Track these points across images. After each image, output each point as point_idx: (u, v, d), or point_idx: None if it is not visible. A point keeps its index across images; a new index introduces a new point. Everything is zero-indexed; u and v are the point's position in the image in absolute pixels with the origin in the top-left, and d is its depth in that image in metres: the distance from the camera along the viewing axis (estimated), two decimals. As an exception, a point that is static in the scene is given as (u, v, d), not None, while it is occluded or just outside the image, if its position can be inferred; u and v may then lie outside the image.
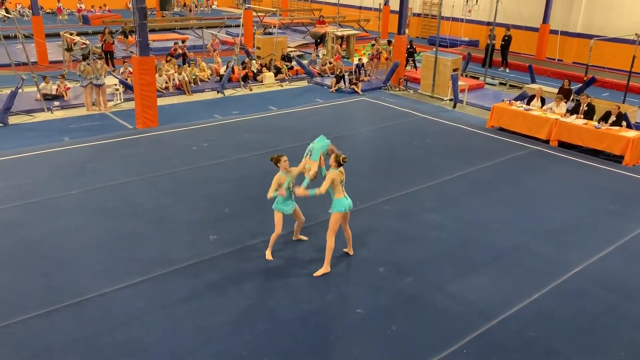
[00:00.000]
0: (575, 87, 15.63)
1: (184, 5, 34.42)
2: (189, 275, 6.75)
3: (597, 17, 21.35)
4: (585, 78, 15.30)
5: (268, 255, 7.16)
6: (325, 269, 6.85)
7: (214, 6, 39.18)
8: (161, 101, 14.18)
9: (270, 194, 6.86)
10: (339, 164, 6.64)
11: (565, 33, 22.13)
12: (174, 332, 5.74)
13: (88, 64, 13.47)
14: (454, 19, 25.53)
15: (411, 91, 17.46)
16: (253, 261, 7.12)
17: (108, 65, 17.11)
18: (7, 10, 26.18)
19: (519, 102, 13.78)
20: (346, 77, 17.49)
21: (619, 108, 12.14)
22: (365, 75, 18.30)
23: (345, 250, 7.34)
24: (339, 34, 21.70)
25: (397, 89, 17.62)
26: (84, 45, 17.45)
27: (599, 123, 12.02)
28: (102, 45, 17.93)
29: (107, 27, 19.58)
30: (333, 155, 6.68)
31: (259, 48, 19.75)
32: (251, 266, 7.01)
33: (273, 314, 6.09)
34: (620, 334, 6.03)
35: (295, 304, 6.28)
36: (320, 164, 6.96)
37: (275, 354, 5.49)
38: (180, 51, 18.51)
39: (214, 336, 5.71)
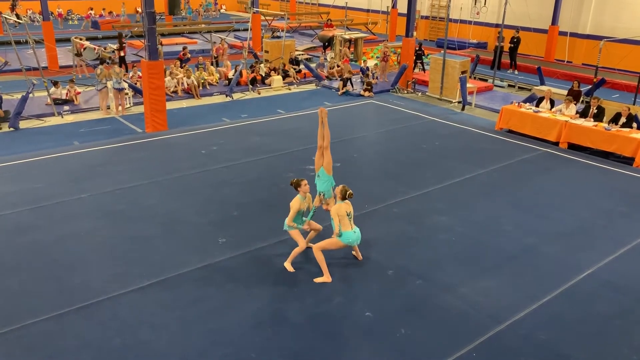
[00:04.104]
0: (584, 88, 15.54)
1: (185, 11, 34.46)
2: (198, 278, 6.77)
3: (607, 18, 21.20)
4: (595, 80, 15.19)
5: (289, 266, 7.01)
6: (325, 278, 6.78)
7: (222, 10, 39.32)
8: (170, 105, 14.27)
9: (290, 222, 6.82)
10: (344, 198, 6.70)
11: (574, 34, 21.99)
12: (184, 335, 5.76)
13: (108, 63, 13.56)
14: (462, 21, 25.49)
15: (419, 94, 17.44)
16: (262, 264, 7.13)
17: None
18: (18, 16, 26.48)
19: (528, 104, 13.72)
20: (352, 80, 17.50)
21: (629, 109, 12.06)
22: (373, 78, 18.30)
23: (353, 253, 7.33)
24: (347, 37, 21.73)
25: (406, 92, 17.60)
26: (96, 50, 17.62)
27: (609, 125, 11.94)
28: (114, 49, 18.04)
29: (119, 31, 19.72)
30: (339, 188, 6.75)
31: (267, 52, 19.82)
32: (260, 269, 7.02)
33: (282, 317, 6.10)
34: (632, 337, 5.97)
35: (304, 307, 6.28)
36: (316, 203, 7.15)
37: (284, 357, 5.49)
38: (189, 56, 18.63)
39: (223, 338, 5.73)
